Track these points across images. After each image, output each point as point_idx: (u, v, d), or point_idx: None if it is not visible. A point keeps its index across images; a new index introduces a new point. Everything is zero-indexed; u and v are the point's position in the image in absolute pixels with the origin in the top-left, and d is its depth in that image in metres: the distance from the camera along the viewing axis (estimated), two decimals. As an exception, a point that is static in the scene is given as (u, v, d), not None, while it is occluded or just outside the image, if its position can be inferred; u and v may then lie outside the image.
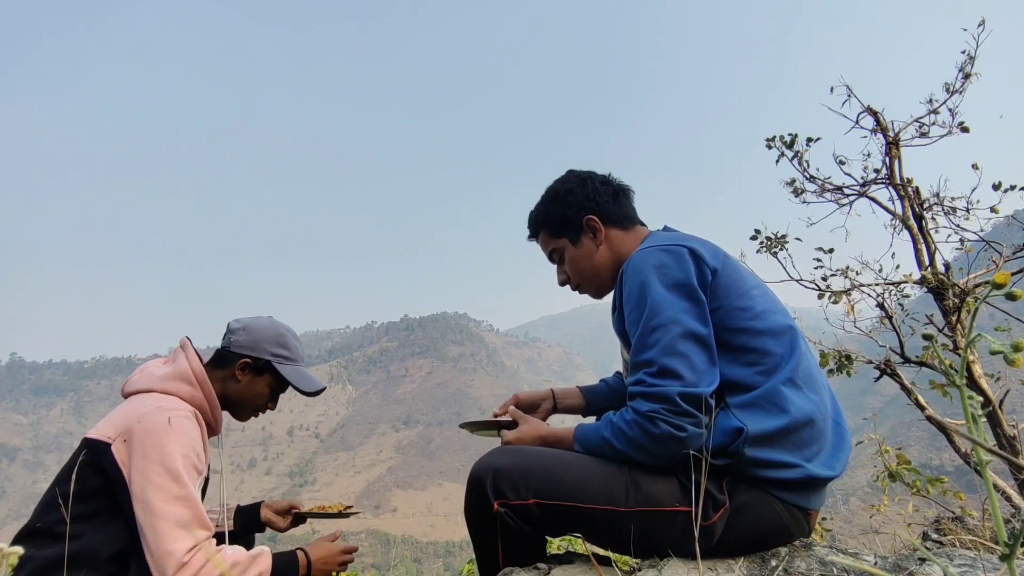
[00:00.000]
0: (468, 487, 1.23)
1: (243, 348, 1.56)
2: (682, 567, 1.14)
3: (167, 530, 1.24)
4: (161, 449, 1.29)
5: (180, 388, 1.44)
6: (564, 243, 1.47)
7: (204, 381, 1.48)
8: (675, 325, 1.16)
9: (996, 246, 3.20)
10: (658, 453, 1.14)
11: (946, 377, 0.42)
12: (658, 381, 1.13)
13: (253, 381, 1.57)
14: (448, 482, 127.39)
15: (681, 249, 1.25)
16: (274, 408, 1.66)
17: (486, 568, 1.26)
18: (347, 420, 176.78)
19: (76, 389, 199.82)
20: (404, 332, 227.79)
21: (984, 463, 0.42)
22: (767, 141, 3.79)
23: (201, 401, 1.47)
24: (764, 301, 1.28)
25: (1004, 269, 2.97)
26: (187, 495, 1.29)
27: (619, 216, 1.46)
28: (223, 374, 1.56)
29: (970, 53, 3.25)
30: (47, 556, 1.26)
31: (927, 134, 3.39)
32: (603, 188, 1.46)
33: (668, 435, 1.10)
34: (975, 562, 1.11)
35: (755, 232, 3.74)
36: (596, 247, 1.44)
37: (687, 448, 1.13)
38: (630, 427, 1.15)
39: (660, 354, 1.15)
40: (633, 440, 1.15)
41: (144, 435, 1.30)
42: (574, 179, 1.48)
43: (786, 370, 1.19)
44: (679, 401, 1.10)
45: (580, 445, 1.26)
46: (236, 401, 1.58)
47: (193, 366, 1.48)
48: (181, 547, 1.23)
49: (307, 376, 1.64)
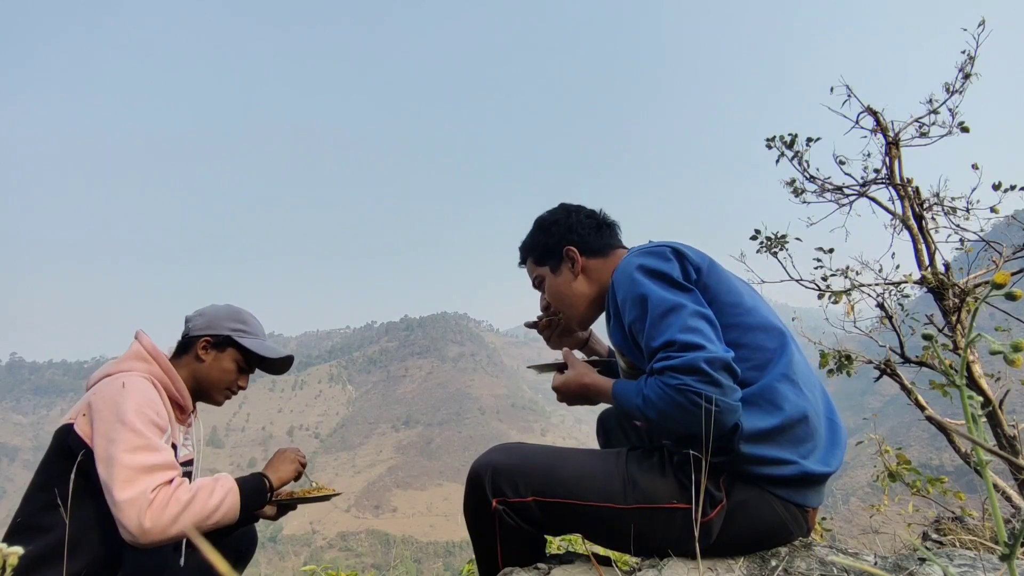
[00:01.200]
0: (467, 485, 1.24)
1: (200, 330, 1.61)
2: (682, 567, 1.14)
3: (128, 477, 1.24)
4: (117, 408, 1.32)
5: (135, 365, 1.48)
6: (545, 271, 1.53)
7: (159, 355, 1.52)
8: (683, 307, 1.17)
9: (996, 246, 3.20)
10: (689, 424, 1.09)
11: (946, 377, 0.41)
12: (682, 354, 1.10)
13: (217, 358, 1.61)
14: (448, 482, 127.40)
15: (663, 248, 1.29)
16: (244, 386, 1.69)
17: (485, 567, 1.26)
18: (347, 420, 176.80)
19: (76, 389, 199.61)
20: (404, 332, 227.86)
21: (984, 463, 0.42)
22: (767, 141, 3.79)
23: (159, 374, 1.50)
24: (751, 299, 1.30)
25: (1004, 269, 2.97)
26: (148, 443, 1.30)
27: (598, 247, 1.49)
28: (187, 359, 1.60)
29: (970, 53, 3.25)
30: (30, 552, 1.26)
31: (927, 134, 3.39)
32: (587, 221, 1.51)
33: (700, 406, 1.06)
34: (975, 562, 1.11)
35: (755, 232, 3.74)
36: (574, 276, 1.48)
37: (725, 421, 1.08)
38: (662, 400, 1.11)
39: (678, 331, 1.13)
40: (665, 412, 1.11)
41: (101, 402, 1.34)
42: (561, 211, 1.55)
43: (780, 366, 1.19)
44: (707, 368, 1.07)
45: (617, 403, 1.27)
46: (206, 382, 1.61)
47: (145, 344, 1.53)
48: (144, 488, 1.23)
49: (269, 346, 1.67)
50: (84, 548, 1.30)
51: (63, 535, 1.26)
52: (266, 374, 1.74)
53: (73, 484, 1.30)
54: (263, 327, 1.71)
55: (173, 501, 1.25)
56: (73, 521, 1.30)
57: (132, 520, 1.20)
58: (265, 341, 1.68)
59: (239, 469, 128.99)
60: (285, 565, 49.67)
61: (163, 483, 1.27)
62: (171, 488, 1.28)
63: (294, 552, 75.17)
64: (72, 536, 1.29)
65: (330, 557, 76.70)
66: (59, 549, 1.25)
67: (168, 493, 1.26)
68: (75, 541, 1.29)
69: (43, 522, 1.29)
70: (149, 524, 1.21)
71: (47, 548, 1.26)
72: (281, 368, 1.71)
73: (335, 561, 46.97)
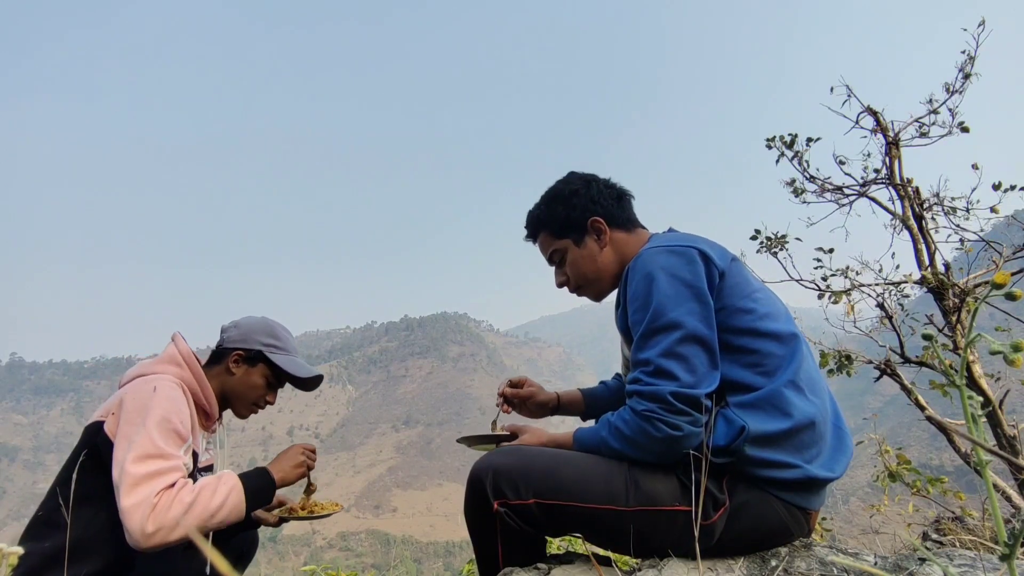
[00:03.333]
0: (468, 487, 1.23)
1: (234, 342, 1.61)
2: (682, 567, 1.14)
3: (134, 483, 1.24)
4: (144, 411, 1.33)
5: (168, 369, 1.49)
6: (567, 244, 1.45)
7: (192, 362, 1.52)
8: (678, 328, 1.16)
9: (996, 246, 3.20)
10: (655, 451, 1.16)
11: (946, 377, 0.41)
12: (654, 380, 1.14)
13: (248, 372, 1.61)
14: (448, 482, 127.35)
15: (691, 250, 1.24)
16: (272, 402, 1.68)
17: (486, 568, 1.26)
18: (347, 420, 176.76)
19: (76, 389, 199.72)
20: (404, 332, 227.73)
21: (984, 463, 0.42)
22: (767, 141, 3.79)
23: (190, 380, 1.50)
24: (767, 304, 1.28)
25: (1004, 269, 2.97)
26: (161, 452, 1.30)
27: (623, 219, 1.45)
28: (219, 370, 1.61)
29: (970, 53, 3.25)
30: (44, 550, 1.27)
31: (927, 134, 3.39)
32: (607, 191, 1.46)
33: (664, 433, 1.12)
34: (975, 562, 1.11)
35: (755, 232, 3.74)
36: (600, 249, 1.43)
37: (683, 447, 1.14)
38: (626, 425, 1.17)
39: (659, 355, 1.15)
40: (629, 438, 1.17)
41: (131, 402, 1.35)
42: (578, 180, 1.47)
43: (788, 372, 1.19)
44: (672, 400, 1.11)
45: (579, 447, 1.27)
46: (233, 395, 1.61)
47: (181, 349, 1.53)
48: (148, 494, 1.24)
49: (300, 364, 1.67)
50: (101, 547, 1.30)
51: (82, 534, 1.27)
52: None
53: (95, 483, 1.31)
54: (293, 340, 1.69)
55: (176, 503, 1.25)
56: (93, 520, 1.31)
57: (136, 525, 1.20)
58: (296, 358, 1.67)
59: (239, 469, 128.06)
60: (285, 565, 49.64)
61: (166, 487, 1.27)
62: (174, 491, 1.28)
63: (294, 552, 75.19)
64: (91, 535, 1.30)
65: (330, 557, 76.65)
66: (76, 547, 1.25)
67: (171, 496, 1.26)
68: (93, 540, 1.30)
69: (63, 519, 1.29)
70: (152, 528, 1.21)
71: (64, 546, 1.26)
72: (311, 386, 1.70)
73: (335, 561, 46.93)
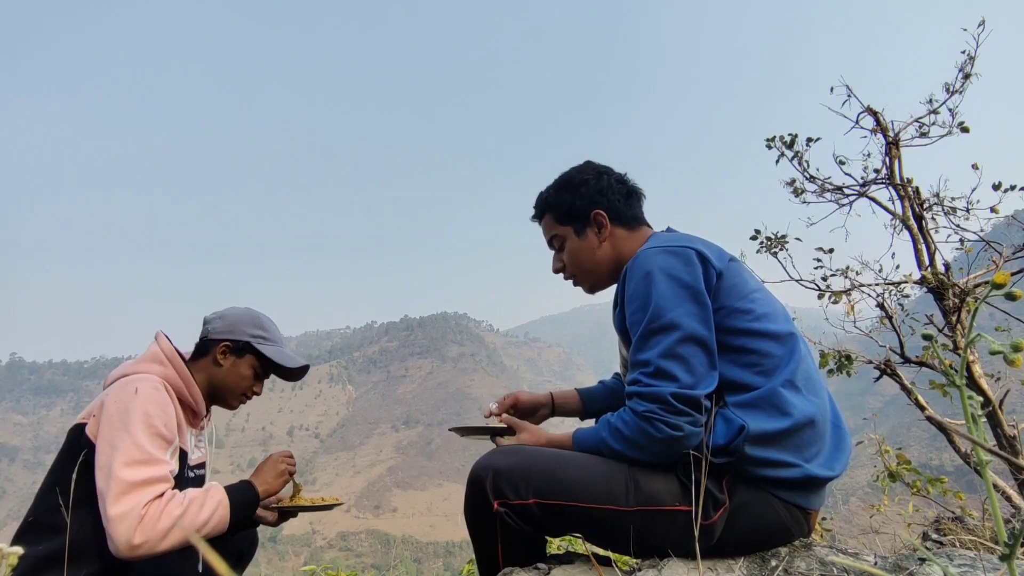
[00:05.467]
0: (468, 487, 1.23)
1: (221, 334, 1.59)
2: (682, 567, 1.14)
3: (122, 491, 1.23)
4: (125, 414, 1.31)
5: (151, 368, 1.47)
6: (567, 232, 1.46)
7: (175, 360, 1.51)
8: (677, 329, 1.16)
9: (996, 246, 3.20)
10: (655, 451, 1.16)
11: (946, 377, 0.41)
12: (653, 381, 1.15)
13: (235, 363, 1.60)
14: (448, 482, 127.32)
15: (688, 251, 1.24)
16: (259, 392, 1.68)
17: (486, 568, 1.26)
18: (347, 420, 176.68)
19: (76, 389, 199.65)
20: (404, 332, 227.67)
21: (984, 463, 0.42)
22: (767, 141, 3.79)
23: (174, 378, 1.49)
24: (765, 304, 1.28)
25: (1004, 269, 2.97)
26: (148, 457, 1.29)
27: (627, 216, 1.45)
28: (205, 363, 1.59)
29: (970, 53, 3.25)
30: (38, 553, 1.26)
31: (927, 134, 3.39)
32: (617, 186, 1.45)
33: (665, 434, 1.12)
34: (975, 562, 1.11)
35: (755, 232, 3.74)
36: (599, 243, 1.43)
37: (684, 447, 1.14)
38: (627, 426, 1.17)
39: (658, 356, 1.16)
40: (630, 439, 1.17)
41: (112, 405, 1.33)
42: (591, 170, 1.47)
43: (786, 372, 1.19)
44: (672, 401, 1.12)
45: (579, 448, 1.27)
46: (222, 387, 1.60)
47: (163, 347, 1.51)
48: (136, 504, 1.22)
49: (288, 354, 1.66)
50: (95, 551, 1.29)
51: (74, 537, 1.26)
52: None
53: (86, 487, 1.29)
54: (278, 330, 1.70)
55: (164, 515, 1.24)
56: (85, 523, 1.29)
57: (122, 536, 1.19)
58: (283, 348, 1.67)
59: (239, 469, 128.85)
60: (285, 565, 49.63)
61: (154, 497, 1.26)
62: (162, 502, 1.26)
63: (294, 552, 75.16)
64: (83, 539, 1.28)
65: (330, 557, 76.63)
66: (69, 550, 1.24)
67: (159, 507, 1.25)
68: (87, 544, 1.28)
69: (55, 522, 1.28)
70: (139, 540, 1.20)
71: (58, 549, 1.25)
72: (297, 376, 1.70)
73: (335, 561, 46.94)
